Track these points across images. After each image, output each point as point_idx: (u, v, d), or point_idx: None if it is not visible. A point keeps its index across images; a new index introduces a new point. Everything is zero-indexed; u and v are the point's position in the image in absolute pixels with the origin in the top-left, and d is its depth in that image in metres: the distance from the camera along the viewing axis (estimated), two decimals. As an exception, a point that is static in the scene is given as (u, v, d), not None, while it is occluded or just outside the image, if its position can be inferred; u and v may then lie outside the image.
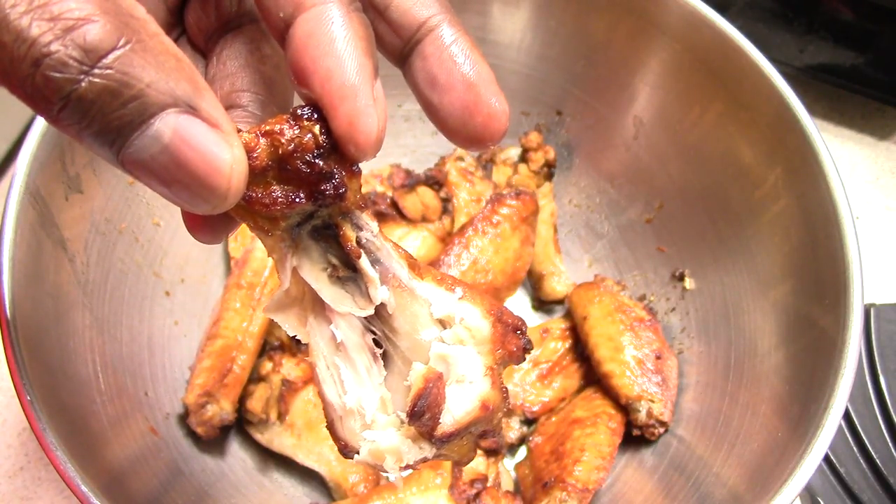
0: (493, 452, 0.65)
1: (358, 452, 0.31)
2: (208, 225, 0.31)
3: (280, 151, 0.27)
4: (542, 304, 0.77)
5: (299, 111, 0.28)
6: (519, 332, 0.33)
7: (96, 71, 0.22)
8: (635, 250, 0.75)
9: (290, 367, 0.66)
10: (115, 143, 0.23)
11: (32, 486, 0.65)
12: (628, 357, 0.65)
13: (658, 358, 0.65)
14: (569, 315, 0.73)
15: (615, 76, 0.72)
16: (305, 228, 0.30)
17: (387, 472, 0.31)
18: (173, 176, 0.24)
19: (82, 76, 0.22)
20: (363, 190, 0.31)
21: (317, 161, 0.28)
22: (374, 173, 0.77)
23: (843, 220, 0.54)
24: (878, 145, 0.93)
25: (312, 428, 0.64)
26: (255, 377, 0.65)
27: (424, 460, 0.31)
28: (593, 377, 0.68)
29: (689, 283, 0.70)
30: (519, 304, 0.78)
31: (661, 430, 0.63)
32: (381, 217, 0.73)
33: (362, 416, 0.31)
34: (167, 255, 0.66)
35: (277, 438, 0.64)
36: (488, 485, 0.60)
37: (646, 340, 0.66)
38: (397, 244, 0.33)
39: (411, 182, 0.75)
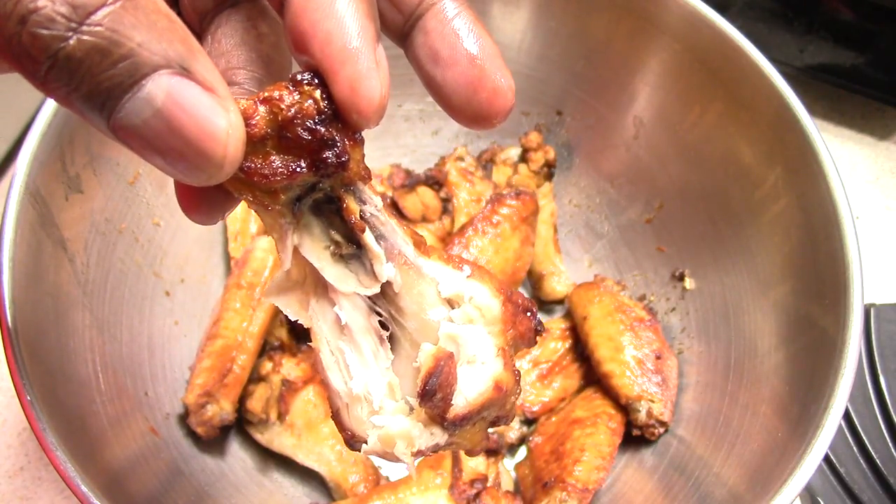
0: (493, 452, 0.65)
1: (365, 442, 0.30)
2: (204, 202, 0.30)
3: (279, 118, 0.26)
4: (542, 304, 0.77)
5: (299, 76, 0.27)
6: (529, 313, 0.32)
7: (85, 28, 0.21)
8: (635, 250, 0.75)
9: (290, 367, 0.66)
10: (106, 106, 0.23)
11: (32, 486, 0.65)
12: (628, 357, 0.65)
13: (658, 358, 0.65)
14: (569, 315, 0.73)
15: (615, 76, 0.72)
16: (306, 203, 0.29)
17: (398, 459, 0.30)
18: (167, 143, 0.23)
19: (70, 33, 0.21)
20: None
21: (318, 127, 0.27)
22: (374, 173, 0.77)
23: (843, 220, 0.54)
24: (878, 145, 0.93)
25: (312, 428, 0.64)
26: (255, 377, 0.65)
27: (437, 447, 0.30)
28: (593, 377, 0.68)
29: (689, 283, 0.70)
30: (519, 304, 0.78)
31: (661, 430, 0.63)
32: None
33: (369, 403, 0.30)
34: (167, 255, 0.66)
35: (277, 438, 0.64)
36: (488, 485, 0.60)
37: (646, 340, 0.66)
38: (402, 220, 0.31)
39: (411, 182, 0.75)
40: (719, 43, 0.62)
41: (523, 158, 0.78)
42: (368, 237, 0.30)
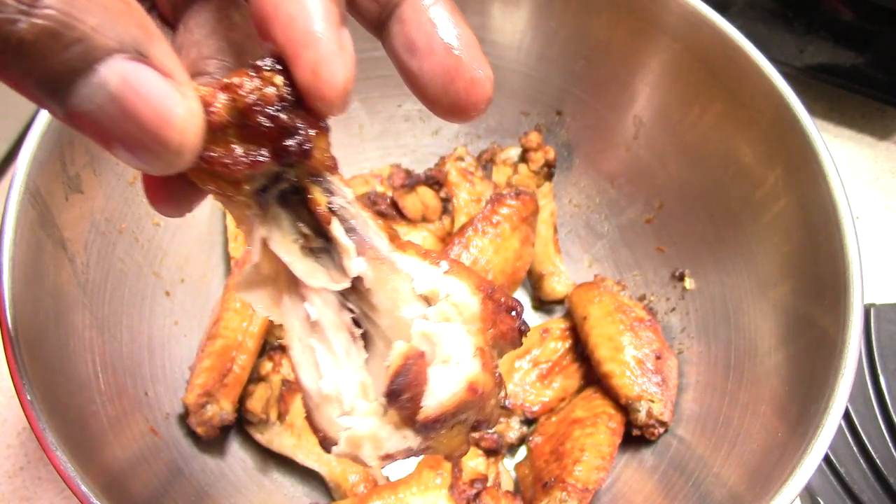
0: (493, 452, 0.65)
1: (337, 444, 0.29)
2: (170, 194, 0.29)
3: (240, 106, 0.26)
4: (542, 304, 0.77)
5: (259, 62, 0.26)
6: (513, 312, 0.31)
7: (36, 11, 0.21)
8: (635, 250, 0.75)
9: (290, 368, 0.65)
10: (59, 91, 0.22)
11: (32, 486, 0.65)
12: (628, 357, 0.65)
13: (658, 358, 0.65)
14: (569, 315, 0.73)
15: (615, 76, 0.72)
16: (273, 194, 0.28)
17: (365, 463, 0.29)
18: (123, 129, 0.23)
19: (21, 17, 0.21)
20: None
21: (279, 114, 0.26)
22: (374, 173, 0.77)
23: (843, 220, 0.54)
24: (878, 145, 0.93)
25: (312, 428, 0.64)
26: (255, 377, 0.65)
27: (410, 452, 0.29)
28: (593, 377, 0.68)
29: (689, 283, 0.70)
30: (519, 304, 0.78)
31: (661, 430, 0.63)
32: (381, 217, 0.73)
33: (340, 403, 0.29)
34: (167, 255, 0.66)
35: (277, 438, 0.64)
36: (488, 485, 0.60)
37: (646, 340, 0.66)
38: (376, 214, 0.30)
39: (411, 182, 0.75)
40: (719, 43, 0.62)
41: (523, 158, 0.78)
42: (337, 229, 0.29)
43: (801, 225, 0.58)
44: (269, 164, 0.26)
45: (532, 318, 0.77)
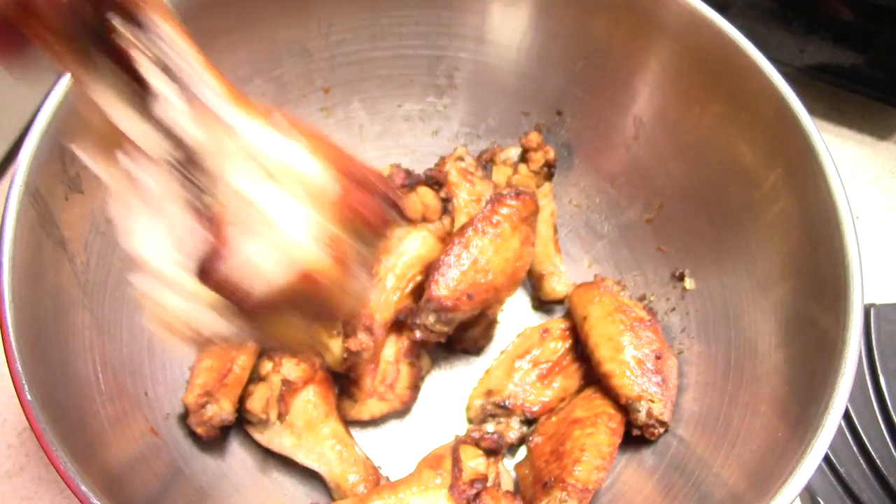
0: (492, 452, 0.65)
1: (162, 321, 0.27)
2: (3, 46, 0.27)
3: None
4: (542, 304, 0.77)
5: None
6: (381, 194, 0.27)
7: None
8: (635, 250, 0.75)
9: (290, 367, 0.65)
10: None
11: (32, 486, 0.65)
12: (628, 357, 0.65)
13: (658, 358, 0.65)
14: (569, 315, 0.73)
15: (615, 76, 0.72)
16: (99, 46, 0.26)
17: (190, 343, 0.26)
18: None
19: None
20: None
21: None
22: (374, 173, 0.77)
23: (843, 220, 0.54)
24: (878, 145, 0.93)
25: (312, 428, 0.64)
26: (255, 377, 0.65)
27: (236, 335, 0.27)
28: (593, 377, 0.68)
29: (689, 283, 0.70)
30: (519, 304, 0.78)
31: (661, 430, 0.63)
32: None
33: (165, 276, 0.27)
34: (167, 255, 0.66)
35: (277, 438, 0.64)
36: (488, 485, 0.60)
37: (646, 340, 0.66)
38: (215, 67, 0.27)
39: (411, 182, 0.75)
40: (719, 43, 0.62)
41: (523, 158, 0.78)
42: (151, 73, 0.26)
43: (801, 225, 0.58)
44: (82, 3, 0.24)
45: (532, 318, 0.77)
